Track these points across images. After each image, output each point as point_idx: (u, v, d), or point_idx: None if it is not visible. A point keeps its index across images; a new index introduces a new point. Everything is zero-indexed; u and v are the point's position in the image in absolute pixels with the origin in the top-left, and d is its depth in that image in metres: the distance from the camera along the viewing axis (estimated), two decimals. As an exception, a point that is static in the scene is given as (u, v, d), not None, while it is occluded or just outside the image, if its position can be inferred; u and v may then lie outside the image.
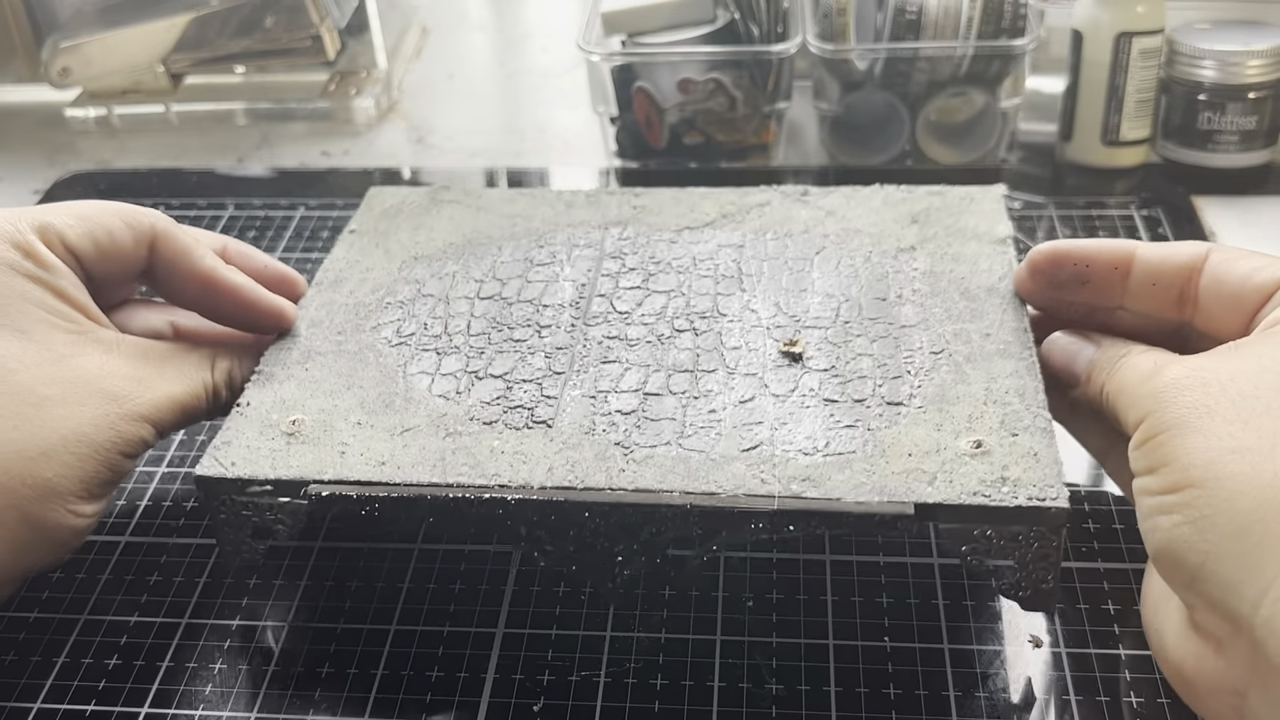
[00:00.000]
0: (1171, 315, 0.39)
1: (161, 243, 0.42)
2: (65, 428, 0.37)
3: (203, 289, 0.42)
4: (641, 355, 0.42)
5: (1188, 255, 0.38)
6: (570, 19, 0.85)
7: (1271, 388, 0.32)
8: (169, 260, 0.42)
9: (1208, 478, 0.31)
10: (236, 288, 0.42)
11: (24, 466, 0.36)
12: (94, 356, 0.39)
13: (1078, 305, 0.41)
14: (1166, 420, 0.32)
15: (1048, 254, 0.40)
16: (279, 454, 0.38)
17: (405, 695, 0.38)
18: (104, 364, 0.39)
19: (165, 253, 0.42)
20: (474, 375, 0.41)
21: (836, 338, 0.42)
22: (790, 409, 0.39)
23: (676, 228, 0.49)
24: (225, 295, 0.42)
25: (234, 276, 0.43)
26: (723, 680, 0.38)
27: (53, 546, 0.37)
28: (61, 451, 0.36)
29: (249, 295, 0.43)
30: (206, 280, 0.42)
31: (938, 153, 0.64)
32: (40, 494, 0.36)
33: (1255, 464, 0.30)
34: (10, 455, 0.36)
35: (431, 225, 0.50)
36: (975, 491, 0.35)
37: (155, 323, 0.44)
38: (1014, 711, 0.37)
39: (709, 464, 0.37)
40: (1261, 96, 0.60)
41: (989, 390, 0.39)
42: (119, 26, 0.71)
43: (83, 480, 0.37)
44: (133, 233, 0.41)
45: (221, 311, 0.43)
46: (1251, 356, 0.33)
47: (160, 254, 0.42)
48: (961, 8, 0.59)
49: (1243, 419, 0.31)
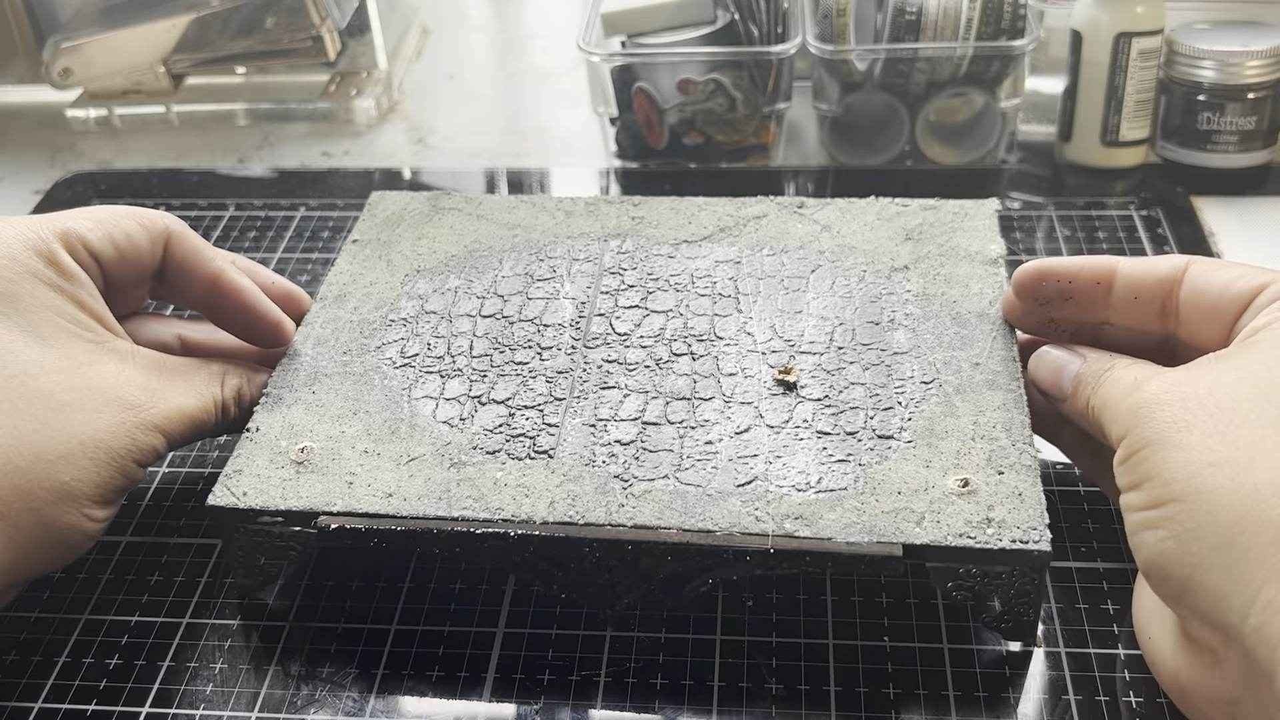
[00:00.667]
0: (1156, 328, 0.39)
1: (175, 243, 0.43)
2: (84, 433, 0.37)
3: (211, 289, 0.43)
4: (640, 380, 0.43)
5: (1167, 268, 0.39)
6: (570, 20, 0.85)
7: (1248, 399, 0.32)
8: (181, 260, 0.43)
9: (1189, 492, 0.31)
10: (241, 290, 0.44)
11: (42, 470, 0.36)
12: (111, 365, 0.39)
13: (1063, 323, 0.42)
14: (1147, 436, 0.33)
15: (1032, 272, 0.41)
16: (289, 483, 0.39)
17: (405, 695, 0.38)
18: (120, 373, 0.39)
19: (178, 253, 0.43)
20: (477, 401, 0.42)
21: (830, 364, 0.43)
22: (784, 441, 0.40)
23: (674, 241, 0.50)
24: (230, 297, 0.43)
25: (240, 279, 0.44)
26: (723, 680, 0.38)
27: (63, 550, 0.38)
28: (79, 456, 0.37)
29: (252, 300, 0.44)
30: (215, 280, 0.43)
31: (937, 153, 0.64)
32: (56, 497, 0.36)
33: (1235, 476, 0.30)
34: (29, 458, 0.36)
35: (433, 235, 0.51)
36: (961, 533, 0.36)
37: (163, 335, 0.45)
38: (1014, 711, 0.37)
39: (705, 500, 0.38)
40: (1261, 97, 0.60)
41: (977, 424, 0.40)
42: (120, 27, 0.71)
43: (97, 485, 0.37)
44: (148, 234, 0.42)
45: (225, 314, 0.44)
46: (1229, 369, 0.33)
47: (173, 254, 0.43)
48: (961, 8, 0.59)
49: (1220, 431, 0.31)
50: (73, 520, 0.37)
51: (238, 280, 0.44)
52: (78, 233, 0.41)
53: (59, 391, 0.37)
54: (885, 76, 0.62)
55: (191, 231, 0.44)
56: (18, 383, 0.37)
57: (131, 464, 0.38)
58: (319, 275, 0.59)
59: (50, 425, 0.37)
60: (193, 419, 0.41)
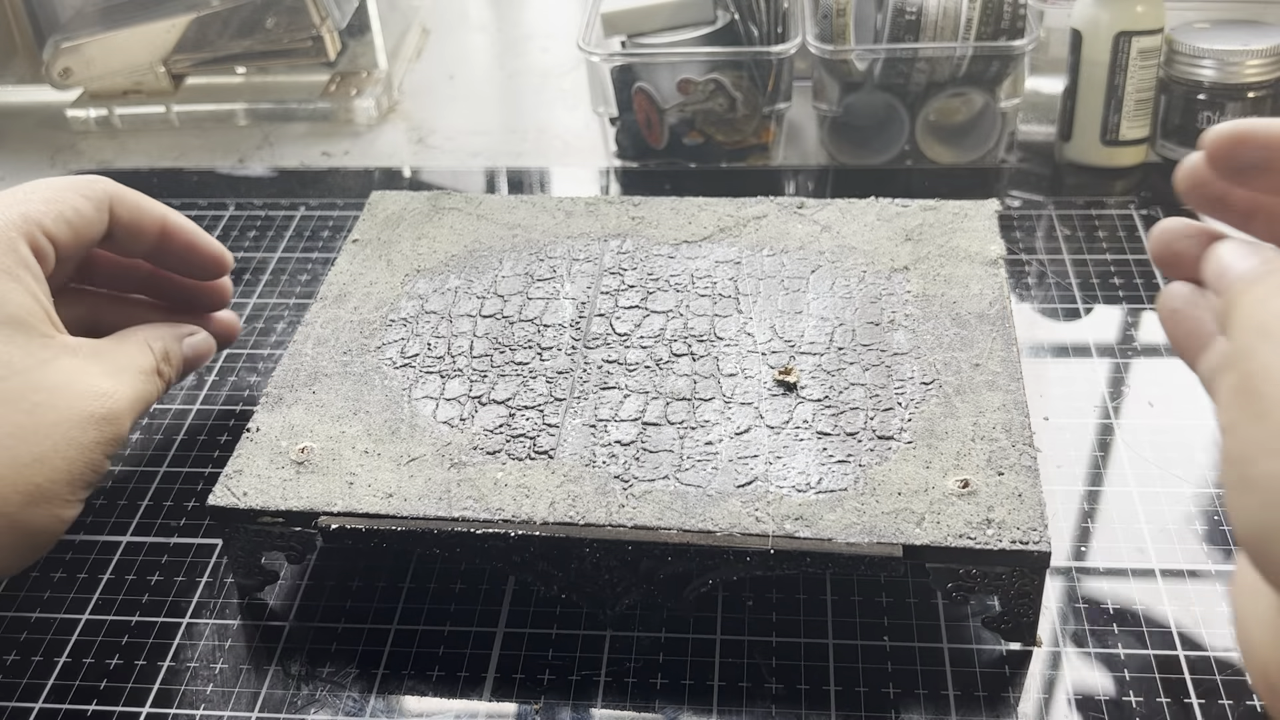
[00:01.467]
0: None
1: (117, 204, 0.43)
2: (56, 433, 0.37)
3: (160, 234, 0.45)
4: (640, 381, 0.43)
5: None
6: (570, 20, 0.85)
7: None
8: (127, 218, 0.44)
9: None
10: (186, 228, 0.46)
11: (17, 474, 0.36)
12: (66, 360, 0.39)
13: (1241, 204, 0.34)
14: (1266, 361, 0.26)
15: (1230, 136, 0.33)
16: (289, 484, 0.39)
17: (405, 695, 0.38)
18: (76, 367, 0.39)
19: (122, 211, 0.44)
20: (477, 401, 0.42)
21: (830, 365, 0.43)
22: (785, 441, 0.40)
23: (674, 241, 0.50)
24: (179, 237, 0.45)
25: (183, 218, 0.46)
26: (723, 680, 0.38)
27: (29, 550, 0.38)
28: (53, 457, 0.37)
29: (198, 236, 0.46)
30: (163, 225, 0.45)
31: (937, 153, 0.64)
32: (29, 499, 0.36)
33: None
34: (6, 463, 0.36)
35: (433, 235, 0.51)
36: (961, 534, 0.36)
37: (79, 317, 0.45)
38: (1014, 711, 0.37)
39: (705, 500, 0.38)
40: (1260, 96, 0.60)
41: (976, 425, 0.40)
42: (120, 27, 0.71)
43: (70, 483, 0.37)
44: (93, 203, 0.43)
45: (171, 254, 0.46)
46: None
47: (118, 215, 0.44)
48: (961, 8, 0.59)
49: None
50: (42, 522, 0.37)
51: (182, 220, 0.46)
52: (34, 218, 0.40)
53: (29, 392, 0.37)
54: (885, 76, 0.62)
55: (125, 187, 0.44)
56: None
57: (100, 457, 0.38)
58: (319, 275, 0.59)
59: (24, 428, 0.37)
60: (141, 395, 0.41)
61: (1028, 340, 0.51)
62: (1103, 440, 0.46)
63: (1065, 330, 0.52)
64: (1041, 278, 0.55)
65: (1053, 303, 0.54)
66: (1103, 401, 0.48)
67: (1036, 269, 0.56)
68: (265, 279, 0.59)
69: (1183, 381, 0.49)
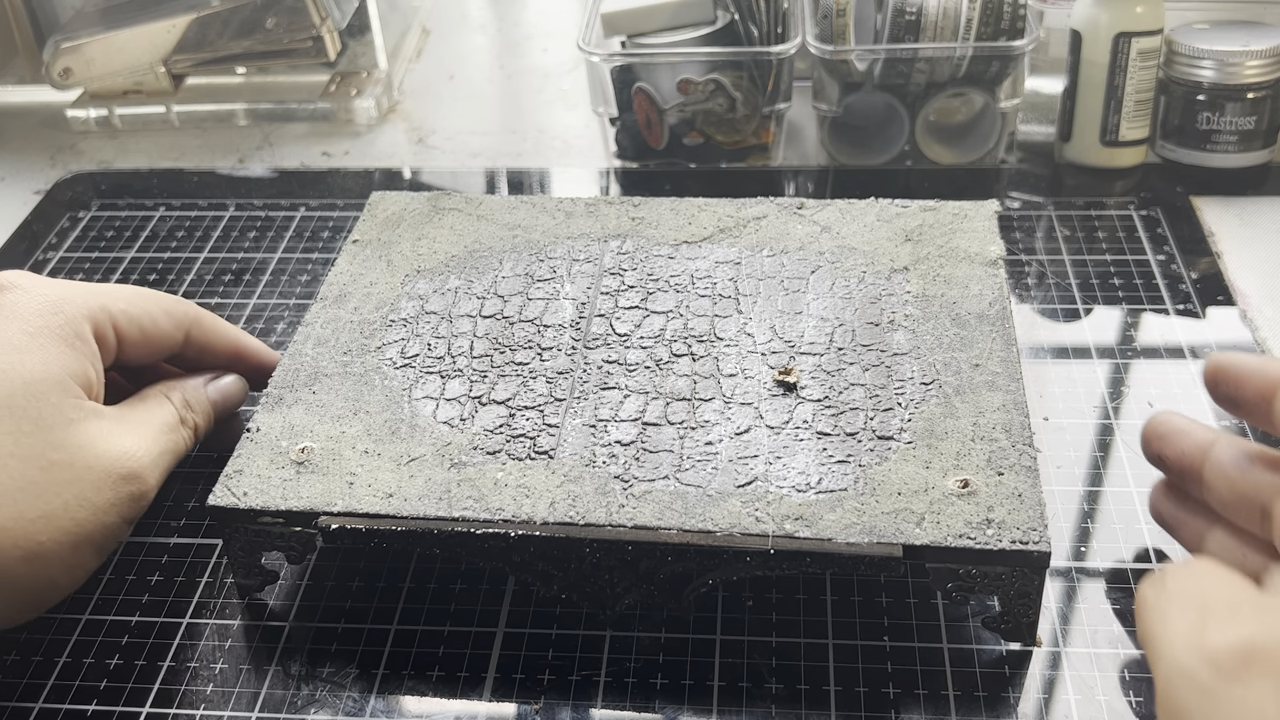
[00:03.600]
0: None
1: (196, 327, 0.45)
2: (69, 491, 0.37)
3: (231, 358, 0.46)
4: (640, 381, 0.43)
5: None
6: (570, 20, 0.85)
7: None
8: (203, 340, 0.45)
9: None
10: (260, 350, 0.47)
11: (20, 529, 0.36)
12: (93, 423, 0.39)
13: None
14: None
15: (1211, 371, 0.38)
16: (289, 484, 0.39)
17: (405, 695, 0.38)
18: (102, 429, 0.39)
19: (199, 334, 0.45)
20: (478, 401, 0.42)
21: (830, 365, 0.43)
22: (784, 442, 0.40)
23: (674, 241, 0.50)
24: (249, 360, 0.47)
25: (257, 343, 0.47)
26: (723, 680, 0.38)
27: (21, 609, 0.38)
28: (61, 516, 0.37)
29: (269, 359, 0.47)
30: (236, 350, 0.46)
31: (937, 153, 0.64)
32: (27, 557, 0.36)
33: None
34: (12, 516, 0.36)
35: (433, 236, 0.51)
36: (961, 534, 0.36)
37: None
38: (1014, 711, 0.37)
39: (705, 500, 0.38)
40: (1260, 97, 0.60)
41: (976, 425, 0.40)
42: (120, 27, 0.71)
43: (75, 546, 0.37)
44: (173, 320, 0.44)
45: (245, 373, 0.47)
46: None
47: (194, 336, 0.45)
48: (960, 9, 0.59)
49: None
50: (36, 584, 0.37)
51: (254, 345, 0.47)
52: (111, 311, 0.42)
53: (48, 450, 0.37)
54: (885, 77, 0.62)
55: (207, 313, 0.46)
56: (10, 440, 0.37)
57: (117, 519, 0.38)
58: (319, 275, 0.59)
59: (36, 484, 0.36)
60: (166, 449, 0.41)
61: (1027, 341, 0.51)
62: (1103, 440, 0.46)
63: (1065, 331, 0.52)
64: (1041, 278, 0.55)
65: (1052, 303, 0.54)
66: (1102, 402, 0.48)
67: (1036, 269, 0.56)
68: (265, 279, 0.59)
69: (1183, 381, 0.49)
